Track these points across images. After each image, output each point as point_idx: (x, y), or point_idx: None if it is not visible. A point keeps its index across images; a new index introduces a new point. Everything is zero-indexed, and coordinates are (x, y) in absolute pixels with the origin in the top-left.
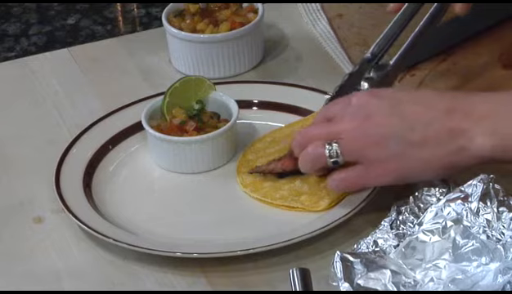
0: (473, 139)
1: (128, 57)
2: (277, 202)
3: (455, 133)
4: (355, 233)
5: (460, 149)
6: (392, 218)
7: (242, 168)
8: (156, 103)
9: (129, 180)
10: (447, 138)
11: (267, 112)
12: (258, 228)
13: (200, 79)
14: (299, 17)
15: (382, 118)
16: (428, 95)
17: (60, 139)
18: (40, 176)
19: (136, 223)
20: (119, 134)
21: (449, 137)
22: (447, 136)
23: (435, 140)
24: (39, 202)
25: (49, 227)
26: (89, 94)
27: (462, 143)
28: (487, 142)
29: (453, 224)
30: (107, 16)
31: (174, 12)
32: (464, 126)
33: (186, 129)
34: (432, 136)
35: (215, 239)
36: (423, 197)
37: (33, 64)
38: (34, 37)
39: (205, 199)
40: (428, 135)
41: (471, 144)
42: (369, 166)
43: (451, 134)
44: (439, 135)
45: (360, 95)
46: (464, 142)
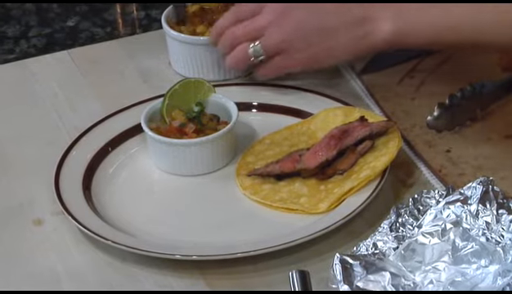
0: (377, 24)
1: (127, 59)
2: (276, 204)
3: (363, 20)
4: (354, 235)
5: (366, 34)
6: (392, 220)
7: (241, 170)
8: (156, 105)
9: (128, 183)
10: (356, 24)
11: (266, 114)
12: (258, 230)
13: (200, 81)
14: None
15: (296, 12)
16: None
17: (60, 141)
18: (40, 178)
19: (136, 225)
20: (119, 136)
21: (358, 24)
22: (356, 23)
23: (345, 27)
24: (39, 204)
25: (48, 229)
26: (89, 96)
27: (368, 28)
28: (389, 27)
29: (452, 226)
30: (107, 19)
31: (174, 17)
32: (370, 13)
33: (186, 131)
34: (342, 24)
35: (214, 241)
36: (422, 199)
37: (32, 66)
38: (34, 39)
39: (205, 201)
40: (340, 22)
41: (375, 29)
42: (288, 54)
43: (359, 21)
44: (349, 22)
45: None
46: (369, 27)
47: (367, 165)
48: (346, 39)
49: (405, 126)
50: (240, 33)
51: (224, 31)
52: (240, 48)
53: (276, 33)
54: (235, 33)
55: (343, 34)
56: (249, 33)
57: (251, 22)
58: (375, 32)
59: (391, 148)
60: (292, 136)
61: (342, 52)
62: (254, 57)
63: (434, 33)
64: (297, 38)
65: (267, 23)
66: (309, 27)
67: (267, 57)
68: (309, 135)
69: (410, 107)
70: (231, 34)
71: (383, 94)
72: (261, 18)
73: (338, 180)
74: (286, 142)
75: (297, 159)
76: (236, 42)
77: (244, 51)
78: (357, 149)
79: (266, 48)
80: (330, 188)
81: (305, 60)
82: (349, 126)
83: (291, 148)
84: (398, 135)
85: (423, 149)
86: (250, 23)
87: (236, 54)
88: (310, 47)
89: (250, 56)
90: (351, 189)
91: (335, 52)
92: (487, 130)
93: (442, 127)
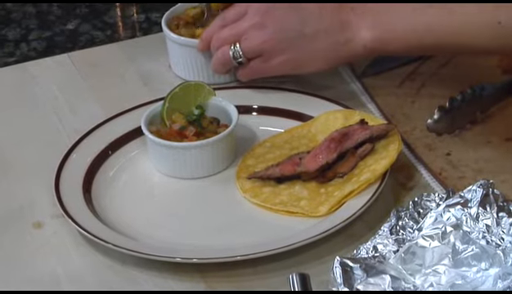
0: (357, 31)
1: (127, 62)
2: (277, 207)
3: (344, 26)
4: (355, 238)
5: (346, 41)
6: (392, 223)
7: (242, 173)
8: (156, 108)
9: (129, 186)
10: (337, 30)
11: (266, 117)
12: (258, 233)
13: (200, 85)
14: None
15: (279, 13)
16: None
17: (60, 144)
18: (40, 181)
19: (136, 228)
20: (119, 139)
21: (338, 30)
22: (337, 29)
23: (325, 33)
24: (39, 208)
25: (49, 232)
26: (89, 99)
27: (348, 35)
28: (368, 34)
29: (453, 229)
30: (107, 22)
31: (175, 19)
32: (350, 19)
33: (186, 134)
34: (323, 29)
35: (215, 244)
36: (422, 202)
37: (33, 69)
38: (34, 42)
39: (205, 204)
40: (320, 28)
41: (355, 36)
42: (267, 58)
43: (340, 27)
44: (330, 28)
45: None
46: (350, 34)
47: (367, 168)
48: (326, 44)
49: (405, 129)
50: (224, 35)
51: (212, 36)
52: (222, 50)
53: (257, 36)
54: (220, 36)
55: (323, 39)
56: (232, 36)
57: (235, 25)
58: (356, 39)
59: (391, 151)
60: (292, 139)
61: (322, 58)
62: (234, 59)
63: (415, 38)
64: (277, 41)
65: (249, 25)
66: (290, 29)
67: (246, 59)
68: (309, 138)
69: (410, 110)
70: (216, 38)
71: (383, 97)
72: (243, 20)
73: (338, 183)
74: (286, 145)
75: (297, 162)
76: (220, 44)
77: (226, 53)
78: (357, 152)
79: (245, 50)
80: (331, 191)
81: (284, 63)
82: (349, 129)
83: (291, 151)
84: (398, 138)
85: (423, 152)
86: (234, 26)
87: (218, 56)
88: (289, 51)
89: (231, 59)
90: (351, 192)
91: (315, 58)
92: (488, 133)
93: (443, 130)
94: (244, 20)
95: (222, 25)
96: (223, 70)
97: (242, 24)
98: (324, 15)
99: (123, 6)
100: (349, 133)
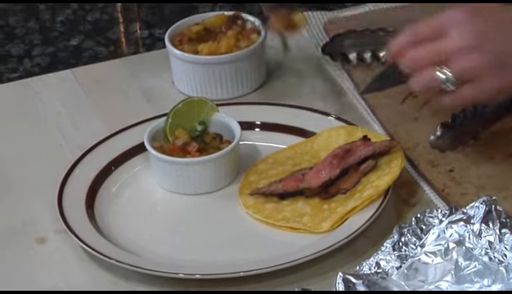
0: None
1: (130, 78)
2: (279, 223)
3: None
4: (357, 254)
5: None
6: (395, 240)
7: (244, 189)
8: (159, 124)
9: (132, 201)
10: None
11: (269, 133)
12: (261, 249)
13: (203, 101)
14: (302, 38)
15: (492, 35)
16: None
17: (63, 160)
18: (43, 197)
19: (139, 244)
20: (122, 155)
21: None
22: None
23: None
24: (42, 223)
25: (52, 248)
26: (92, 115)
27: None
28: None
29: (455, 245)
30: (110, 37)
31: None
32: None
33: (189, 150)
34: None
35: (217, 260)
36: (425, 218)
37: (36, 85)
38: (37, 58)
39: (208, 220)
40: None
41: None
42: (481, 83)
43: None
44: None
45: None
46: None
47: (370, 184)
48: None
49: (408, 145)
50: (425, 54)
51: (404, 50)
52: (428, 72)
53: (470, 59)
54: (421, 54)
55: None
56: (437, 56)
57: (438, 44)
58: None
59: (394, 167)
60: (295, 155)
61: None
62: (443, 83)
63: None
64: (492, 65)
65: (458, 47)
66: (506, 52)
67: (456, 84)
68: (312, 155)
69: (413, 126)
70: (416, 55)
71: (386, 113)
72: (449, 41)
73: (341, 199)
74: (289, 161)
75: (300, 178)
76: (421, 64)
77: (432, 75)
78: (360, 168)
79: (458, 74)
80: (333, 207)
81: (498, 88)
82: (352, 146)
83: (294, 167)
84: (401, 155)
85: (426, 168)
86: (437, 44)
87: (423, 78)
88: (504, 75)
89: (439, 82)
90: (354, 208)
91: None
92: (490, 149)
93: (445, 147)
94: (451, 39)
95: (415, 42)
96: (428, 93)
97: (448, 44)
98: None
99: (127, 23)
100: (352, 149)
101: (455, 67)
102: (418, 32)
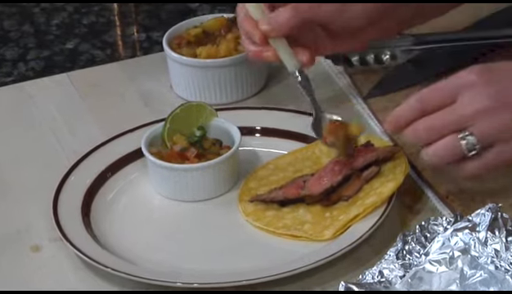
0: None
1: (128, 82)
2: (280, 231)
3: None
4: (360, 263)
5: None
6: (399, 248)
7: (244, 196)
8: (157, 129)
9: (129, 209)
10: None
11: (269, 139)
12: (261, 257)
13: (202, 105)
14: None
15: (510, 93)
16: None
17: (58, 166)
18: (37, 204)
19: (136, 252)
20: (119, 161)
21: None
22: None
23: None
24: (37, 231)
25: (46, 256)
26: (88, 120)
27: None
28: None
29: (460, 254)
30: (107, 41)
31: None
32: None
33: (187, 156)
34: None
35: (216, 269)
36: (429, 226)
37: (30, 89)
38: (32, 62)
39: (206, 228)
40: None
41: None
42: (507, 145)
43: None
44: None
45: (472, 74)
46: None
47: (373, 191)
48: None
49: (411, 151)
50: (440, 123)
51: (409, 122)
52: (448, 141)
53: (491, 122)
54: (435, 124)
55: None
56: (456, 123)
57: (452, 110)
58: None
59: (398, 173)
60: (296, 162)
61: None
62: (467, 151)
63: None
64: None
65: (475, 111)
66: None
67: (481, 149)
68: (314, 161)
69: None
70: (429, 125)
71: None
72: (466, 106)
73: (343, 206)
74: (290, 167)
75: (301, 185)
76: (437, 134)
77: (454, 143)
78: (363, 174)
79: (480, 139)
80: (335, 214)
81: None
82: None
83: (295, 173)
84: (405, 161)
85: (430, 174)
86: (452, 111)
87: (444, 148)
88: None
89: (461, 150)
90: (356, 215)
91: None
92: None
93: None
94: (466, 104)
95: (422, 111)
96: (445, 162)
97: (466, 108)
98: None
99: (124, 26)
100: (354, 155)
101: (477, 131)
102: (424, 100)
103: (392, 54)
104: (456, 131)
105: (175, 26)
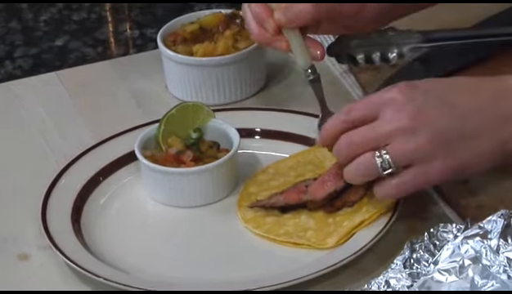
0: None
1: (120, 82)
2: (281, 238)
3: (507, 120)
4: (365, 272)
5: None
6: (406, 256)
7: (243, 202)
8: (151, 131)
9: (121, 215)
10: (500, 125)
11: (270, 141)
12: (261, 266)
13: (198, 106)
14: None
15: (432, 112)
16: (468, 82)
17: (47, 170)
18: (25, 210)
19: (129, 261)
20: (111, 165)
21: (501, 125)
22: (500, 124)
23: (489, 131)
24: (24, 238)
25: (35, 264)
26: (78, 121)
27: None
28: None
29: (471, 262)
30: (98, 38)
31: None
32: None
33: (183, 159)
34: (485, 125)
35: (213, 279)
36: (439, 233)
37: (17, 88)
38: (20, 60)
39: (203, 235)
40: (481, 124)
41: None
42: (425, 166)
43: (503, 121)
44: (492, 124)
45: (396, 91)
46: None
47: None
48: (490, 144)
49: None
50: (362, 140)
51: (336, 135)
52: (364, 159)
53: (408, 141)
54: (354, 140)
55: (487, 139)
56: (373, 141)
57: (372, 127)
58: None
59: None
60: (298, 165)
61: (487, 159)
62: (381, 170)
63: None
64: (434, 146)
65: (395, 128)
66: (448, 130)
67: (396, 169)
68: (316, 165)
69: None
70: (349, 141)
71: None
72: (385, 123)
73: (347, 212)
74: (292, 172)
75: (303, 190)
76: (356, 150)
77: (370, 162)
78: None
79: (396, 159)
80: (339, 221)
81: (444, 171)
82: None
83: (297, 178)
84: None
85: None
86: (371, 128)
87: (359, 166)
88: (449, 156)
89: (376, 169)
90: (361, 222)
91: (479, 159)
92: None
93: None
94: (386, 121)
95: (348, 125)
96: (361, 181)
97: (384, 126)
98: (482, 110)
99: (116, 22)
100: None
101: (393, 151)
102: (349, 114)
103: (400, 52)
104: (375, 148)
105: (170, 22)
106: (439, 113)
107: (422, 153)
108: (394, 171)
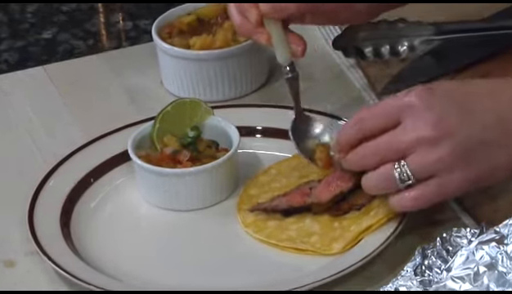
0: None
1: (112, 77)
2: (284, 243)
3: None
4: (374, 280)
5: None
6: (417, 263)
7: (243, 205)
8: (145, 129)
9: (113, 218)
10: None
11: (272, 140)
12: (262, 273)
13: (196, 102)
14: (309, 31)
15: (452, 120)
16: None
17: (35, 170)
18: (11, 214)
19: (121, 267)
20: (102, 165)
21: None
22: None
23: (507, 139)
24: (10, 244)
25: (22, 271)
26: (68, 119)
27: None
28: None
29: (486, 269)
30: (88, 30)
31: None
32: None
33: (180, 160)
34: (504, 134)
35: (211, 286)
36: (452, 238)
37: (2, 83)
38: (5, 53)
39: (201, 240)
40: (500, 133)
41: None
42: (444, 178)
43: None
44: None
45: (413, 95)
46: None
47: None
48: (507, 153)
49: None
50: (376, 150)
51: (353, 145)
52: (383, 171)
53: (430, 152)
54: (372, 150)
55: (505, 148)
56: (393, 152)
57: (391, 137)
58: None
59: None
60: (301, 166)
61: (504, 170)
62: (401, 182)
63: None
64: (455, 157)
65: (417, 139)
66: (469, 140)
67: (416, 181)
68: None
69: None
70: (367, 151)
71: None
72: (405, 133)
73: (354, 216)
74: (295, 172)
75: (307, 192)
76: (374, 161)
77: (390, 173)
78: None
79: (416, 171)
80: (346, 225)
81: (463, 182)
82: None
83: (300, 179)
84: None
85: None
86: (392, 138)
87: (378, 178)
88: (469, 166)
89: (396, 181)
90: (369, 226)
91: (498, 170)
92: None
93: None
94: (406, 131)
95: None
96: (378, 192)
97: (404, 136)
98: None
99: (107, 13)
100: None
101: (413, 163)
102: (366, 122)
103: (410, 45)
104: (393, 160)
105: (165, 13)
106: (460, 120)
107: (443, 165)
108: (414, 183)
